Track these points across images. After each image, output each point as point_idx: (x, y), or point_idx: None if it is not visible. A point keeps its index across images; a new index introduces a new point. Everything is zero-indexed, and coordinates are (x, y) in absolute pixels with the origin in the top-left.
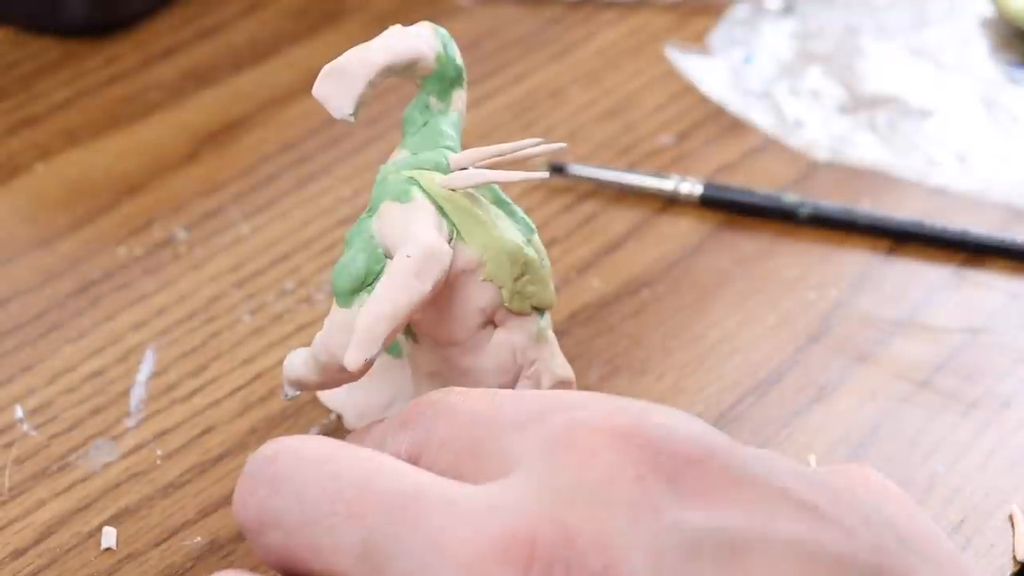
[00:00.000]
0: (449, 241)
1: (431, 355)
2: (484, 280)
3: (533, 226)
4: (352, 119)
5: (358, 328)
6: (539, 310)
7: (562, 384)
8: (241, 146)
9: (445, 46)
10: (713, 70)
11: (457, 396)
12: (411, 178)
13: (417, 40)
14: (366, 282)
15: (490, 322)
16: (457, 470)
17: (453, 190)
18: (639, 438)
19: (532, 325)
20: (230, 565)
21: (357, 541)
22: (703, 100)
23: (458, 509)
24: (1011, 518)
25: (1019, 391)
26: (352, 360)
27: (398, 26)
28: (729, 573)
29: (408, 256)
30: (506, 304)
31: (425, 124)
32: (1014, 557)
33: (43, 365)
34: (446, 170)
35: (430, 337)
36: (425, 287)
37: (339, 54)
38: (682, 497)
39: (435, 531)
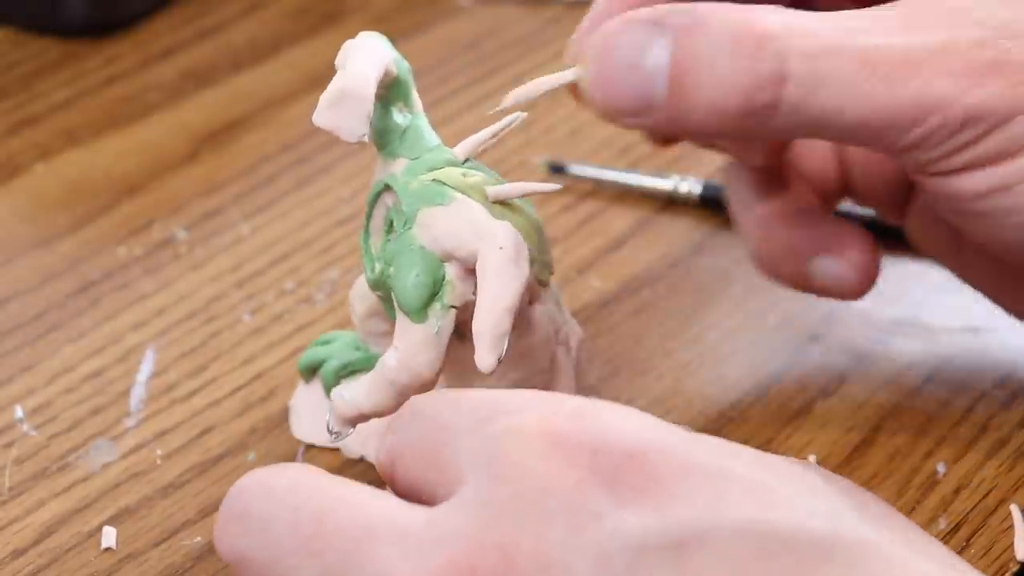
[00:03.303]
0: None
1: None
2: None
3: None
4: (366, 139)
5: (483, 331)
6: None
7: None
8: (241, 146)
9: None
10: None
11: (427, 401)
12: (436, 180)
13: (382, 49)
14: (435, 291)
15: (531, 299)
16: (424, 481)
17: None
18: (573, 440)
19: (550, 292)
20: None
21: None
22: None
23: (405, 544)
24: (1011, 518)
25: (1019, 391)
26: (488, 362)
27: (353, 40)
28: (677, 572)
29: (501, 248)
30: (537, 276)
31: (405, 130)
32: (1014, 557)
33: (43, 365)
34: (458, 164)
35: None
36: (526, 271)
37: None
38: (623, 498)
39: (384, 569)
